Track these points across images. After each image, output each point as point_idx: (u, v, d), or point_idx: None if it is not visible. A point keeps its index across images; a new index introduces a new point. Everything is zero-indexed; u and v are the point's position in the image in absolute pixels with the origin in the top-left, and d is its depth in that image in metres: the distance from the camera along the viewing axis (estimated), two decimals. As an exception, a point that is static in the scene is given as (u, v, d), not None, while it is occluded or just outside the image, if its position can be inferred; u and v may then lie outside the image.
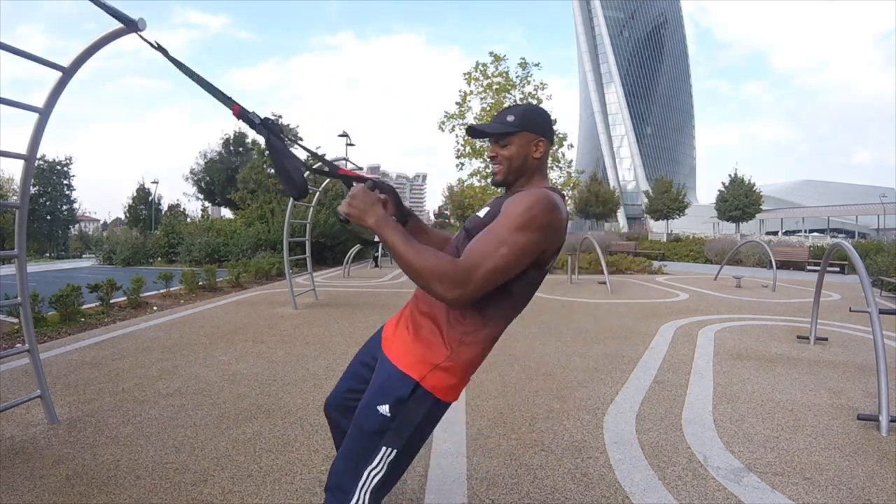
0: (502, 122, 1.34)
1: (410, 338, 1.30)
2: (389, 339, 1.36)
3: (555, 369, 3.93)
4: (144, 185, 38.19)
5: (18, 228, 2.72)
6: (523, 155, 1.33)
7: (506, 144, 1.33)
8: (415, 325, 1.31)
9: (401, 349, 1.30)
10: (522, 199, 1.22)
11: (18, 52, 2.36)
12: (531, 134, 1.33)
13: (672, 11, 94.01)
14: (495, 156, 1.35)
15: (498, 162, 1.35)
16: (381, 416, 1.24)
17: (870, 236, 36.71)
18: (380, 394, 1.26)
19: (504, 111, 1.37)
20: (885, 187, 59.17)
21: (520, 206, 1.19)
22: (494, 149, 1.34)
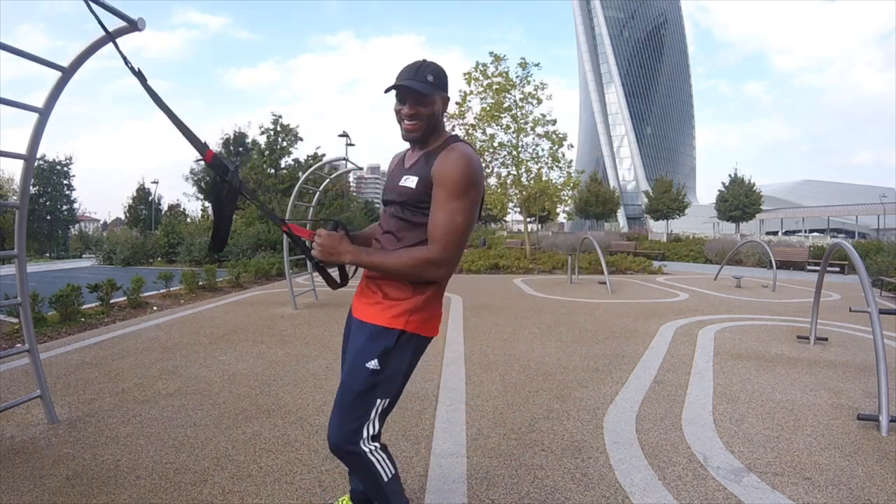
0: (424, 81, 1.41)
1: (380, 298, 1.44)
2: (360, 309, 1.50)
3: (555, 369, 3.93)
4: (144, 185, 38.20)
5: (18, 228, 2.72)
6: (438, 112, 1.45)
7: (426, 103, 1.42)
8: (379, 288, 1.46)
9: (375, 310, 1.44)
10: (452, 164, 1.36)
11: (18, 52, 2.36)
12: (443, 92, 1.46)
13: (672, 11, 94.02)
14: (414, 113, 1.41)
15: (417, 119, 1.42)
16: (371, 371, 1.39)
17: (870, 236, 36.69)
18: (364, 352, 1.40)
19: (420, 69, 1.42)
20: (885, 187, 59.16)
21: (454, 171, 1.35)
22: (413, 107, 1.41)
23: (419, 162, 1.46)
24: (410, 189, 1.42)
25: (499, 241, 24.55)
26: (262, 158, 22.95)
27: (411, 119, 1.43)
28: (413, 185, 1.42)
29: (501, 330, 5.41)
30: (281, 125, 23.26)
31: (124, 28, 2.49)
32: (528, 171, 15.02)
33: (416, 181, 1.42)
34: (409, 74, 1.42)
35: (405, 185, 1.44)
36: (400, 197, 1.45)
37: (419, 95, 1.40)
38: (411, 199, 1.42)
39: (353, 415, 1.40)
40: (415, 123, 1.43)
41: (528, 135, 14.77)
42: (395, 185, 1.49)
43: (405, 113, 1.42)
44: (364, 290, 1.53)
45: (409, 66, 1.45)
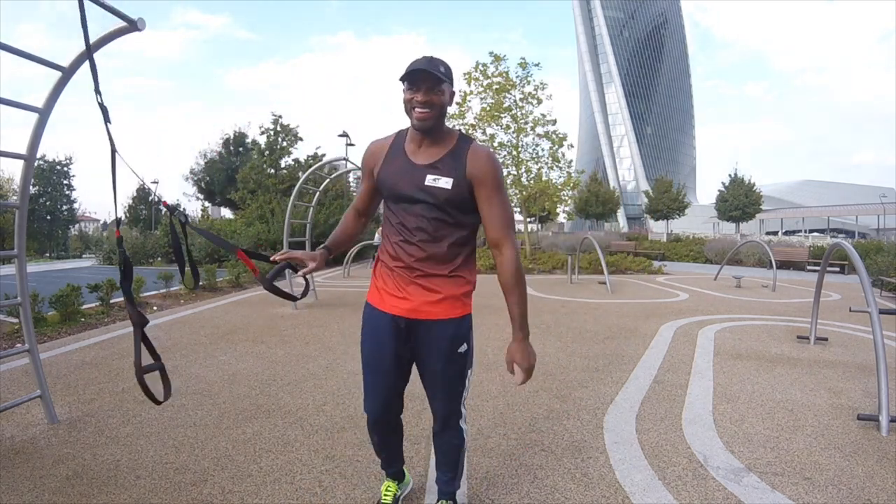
0: (438, 70, 1.46)
1: (444, 294, 1.56)
2: (422, 310, 1.57)
3: (555, 369, 3.93)
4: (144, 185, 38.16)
5: (18, 228, 2.72)
6: (446, 103, 1.52)
7: (439, 92, 1.47)
8: (436, 284, 1.56)
9: (444, 306, 1.56)
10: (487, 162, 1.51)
11: (18, 52, 2.36)
12: (451, 84, 1.53)
13: (672, 11, 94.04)
14: (428, 100, 1.46)
15: (430, 106, 1.46)
16: (462, 353, 1.62)
17: (870, 236, 36.68)
18: (455, 341, 1.60)
19: (432, 60, 1.48)
20: (885, 187, 59.17)
21: (493, 169, 1.52)
22: (427, 94, 1.46)
23: (445, 162, 1.51)
24: (447, 190, 1.49)
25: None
26: (262, 158, 22.90)
27: (424, 106, 1.46)
28: (449, 185, 1.49)
29: (501, 330, 5.41)
30: (281, 125, 23.23)
31: (124, 28, 2.49)
32: (528, 171, 15.02)
33: (452, 182, 1.49)
34: (422, 64, 1.46)
35: (439, 185, 1.49)
36: (435, 198, 1.50)
37: (434, 81, 1.45)
38: (452, 199, 1.50)
39: (456, 394, 1.67)
40: (427, 111, 1.46)
41: (528, 135, 14.77)
42: (421, 184, 1.51)
43: (419, 100, 1.45)
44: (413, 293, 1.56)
45: (420, 58, 1.49)
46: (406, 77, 1.46)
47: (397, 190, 1.55)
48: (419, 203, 1.52)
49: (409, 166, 1.54)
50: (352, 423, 2.80)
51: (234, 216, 23.34)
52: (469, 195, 1.51)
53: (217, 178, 31.37)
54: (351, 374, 3.75)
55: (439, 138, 1.54)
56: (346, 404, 3.11)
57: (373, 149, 1.66)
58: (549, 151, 14.93)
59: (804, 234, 41.40)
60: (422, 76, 1.44)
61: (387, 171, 1.58)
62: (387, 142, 1.63)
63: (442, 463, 1.83)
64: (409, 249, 1.55)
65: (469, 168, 1.49)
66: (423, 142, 1.54)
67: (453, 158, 1.51)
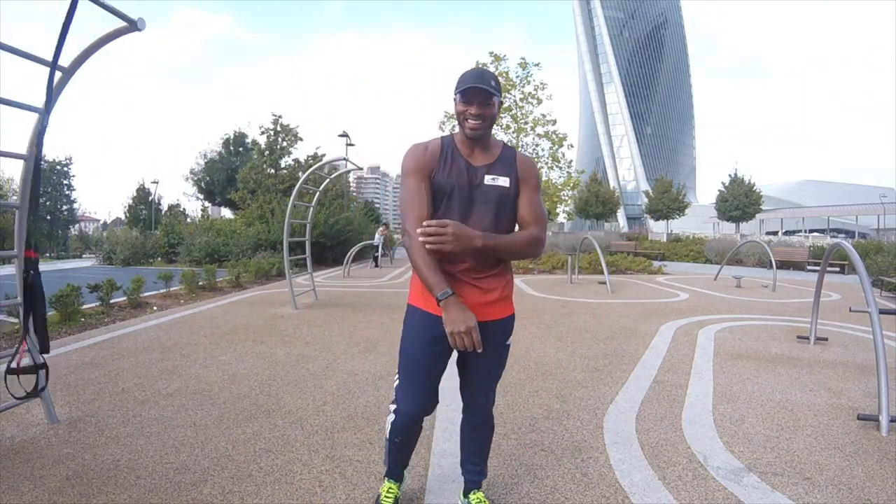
0: (490, 85, 1.59)
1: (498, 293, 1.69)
2: (479, 311, 1.63)
3: (555, 369, 3.93)
4: (144, 185, 38.19)
5: (18, 228, 2.72)
6: (497, 114, 1.66)
7: (490, 105, 1.60)
8: (489, 284, 1.67)
9: (499, 307, 1.70)
10: (532, 166, 1.74)
11: (18, 52, 2.36)
12: (500, 96, 1.65)
13: (672, 11, 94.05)
14: (481, 113, 1.59)
15: (482, 118, 1.60)
16: (508, 346, 1.80)
17: (870, 236, 36.68)
18: (506, 335, 1.76)
19: (485, 75, 1.61)
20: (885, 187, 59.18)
21: (536, 171, 1.75)
22: (481, 108, 1.59)
23: (499, 164, 1.68)
24: (506, 188, 1.66)
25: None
26: (262, 158, 22.92)
27: (477, 119, 1.59)
28: (507, 184, 1.66)
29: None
30: (281, 125, 23.24)
31: (124, 28, 2.49)
32: (528, 171, 15.01)
33: (509, 181, 1.67)
34: (475, 79, 1.58)
35: (498, 183, 1.65)
36: (495, 195, 1.65)
37: (486, 96, 1.58)
38: (508, 196, 1.67)
39: (496, 382, 1.85)
40: (480, 123, 1.60)
41: (528, 135, 14.80)
42: (481, 183, 1.64)
43: (473, 113, 1.59)
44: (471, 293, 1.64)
45: (472, 72, 1.62)
46: (461, 92, 1.59)
47: (461, 189, 1.63)
48: (479, 201, 1.64)
49: (468, 167, 1.66)
50: (352, 423, 2.80)
51: (234, 216, 23.33)
52: (517, 194, 1.69)
53: (217, 178, 31.40)
54: (351, 374, 3.75)
55: (488, 145, 1.69)
56: (346, 404, 3.11)
57: (424, 150, 1.68)
58: (549, 151, 14.96)
59: (804, 234, 41.42)
60: (475, 91, 1.57)
61: (447, 172, 1.65)
62: (436, 146, 1.69)
63: (475, 454, 1.91)
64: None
65: (519, 170, 1.69)
66: (475, 147, 1.67)
67: (505, 161, 1.69)
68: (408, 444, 1.89)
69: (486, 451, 1.92)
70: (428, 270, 1.53)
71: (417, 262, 1.55)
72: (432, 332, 1.65)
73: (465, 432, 1.91)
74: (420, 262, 1.54)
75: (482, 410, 1.84)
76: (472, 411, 1.85)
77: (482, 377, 1.78)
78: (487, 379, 1.79)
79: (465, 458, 1.94)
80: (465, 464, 1.94)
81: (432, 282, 1.52)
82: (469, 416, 1.87)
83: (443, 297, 1.50)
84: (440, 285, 1.51)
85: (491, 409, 1.87)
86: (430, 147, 1.68)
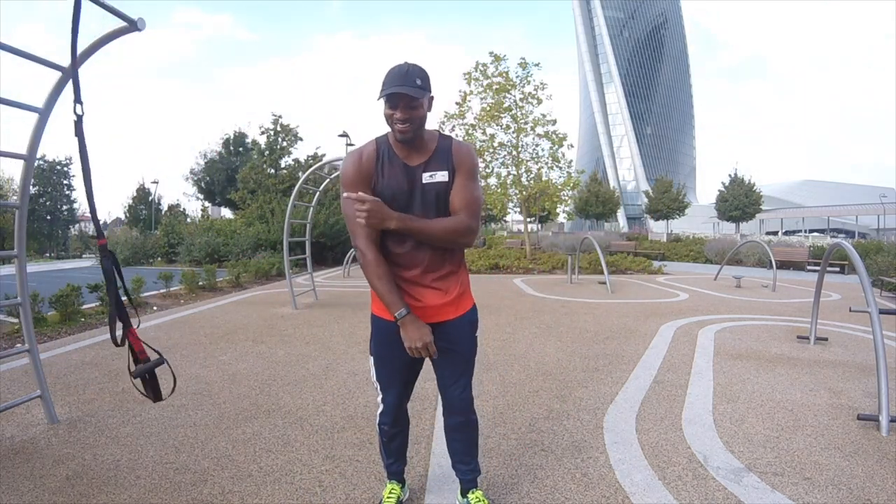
0: (414, 86, 1.51)
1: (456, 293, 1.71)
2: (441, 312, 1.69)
3: (555, 369, 3.93)
4: (144, 185, 38.19)
5: (18, 228, 2.72)
6: (426, 114, 1.59)
7: (417, 106, 1.54)
8: (446, 285, 1.69)
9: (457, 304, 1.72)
10: (468, 154, 1.66)
11: (18, 53, 2.36)
12: (429, 93, 1.57)
13: (672, 11, 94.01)
14: (407, 117, 1.53)
15: (409, 122, 1.54)
16: (476, 338, 1.81)
17: (870, 236, 36.69)
18: (472, 329, 1.78)
19: (408, 74, 1.52)
20: (885, 187, 59.13)
21: (472, 159, 1.66)
22: (405, 111, 1.52)
23: (436, 158, 1.64)
24: (445, 182, 1.63)
25: (499, 241, 24.55)
26: (262, 158, 22.91)
27: (404, 122, 1.54)
28: (446, 177, 1.63)
29: (501, 330, 5.41)
30: (281, 125, 23.23)
31: (124, 28, 2.49)
32: (528, 171, 15.02)
33: (447, 174, 1.63)
34: (398, 80, 1.50)
35: (436, 180, 1.62)
36: (435, 192, 1.62)
37: (410, 99, 1.51)
38: (448, 189, 1.63)
39: (471, 374, 1.84)
40: (407, 126, 1.54)
41: (528, 135, 14.77)
42: (420, 183, 1.61)
43: (398, 117, 1.53)
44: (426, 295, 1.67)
45: (395, 72, 1.53)
46: (384, 97, 1.53)
47: (400, 192, 1.61)
48: (420, 201, 1.62)
49: (406, 169, 1.62)
50: (352, 423, 2.80)
51: (234, 216, 23.33)
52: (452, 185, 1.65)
53: (217, 178, 31.37)
54: (351, 374, 3.75)
55: (422, 142, 1.64)
56: (346, 404, 3.11)
57: (360, 159, 1.63)
58: (549, 151, 14.93)
59: (804, 234, 41.40)
60: (398, 97, 1.51)
61: (385, 177, 1.62)
62: (371, 151, 1.64)
63: (463, 453, 1.90)
64: (419, 255, 1.63)
65: (455, 158, 1.64)
66: (410, 147, 1.63)
67: (441, 154, 1.64)
68: (397, 435, 1.88)
69: (474, 449, 1.90)
70: (384, 290, 1.59)
71: (374, 282, 1.61)
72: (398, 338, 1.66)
73: (449, 433, 1.90)
74: (376, 283, 1.60)
75: (461, 405, 1.81)
76: (450, 408, 1.83)
77: (456, 373, 1.78)
78: (461, 373, 1.79)
79: (454, 459, 1.92)
80: (456, 465, 1.93)
81: (388, 301, 1.59)
82: (449, 415, 1.85)
83: (400, 317, 1.58)
84: (396, 305, 1.58)
85: (471, 405, 1.85)
86: (366, 154, 1.64)
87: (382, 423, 1.86)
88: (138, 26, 2.46)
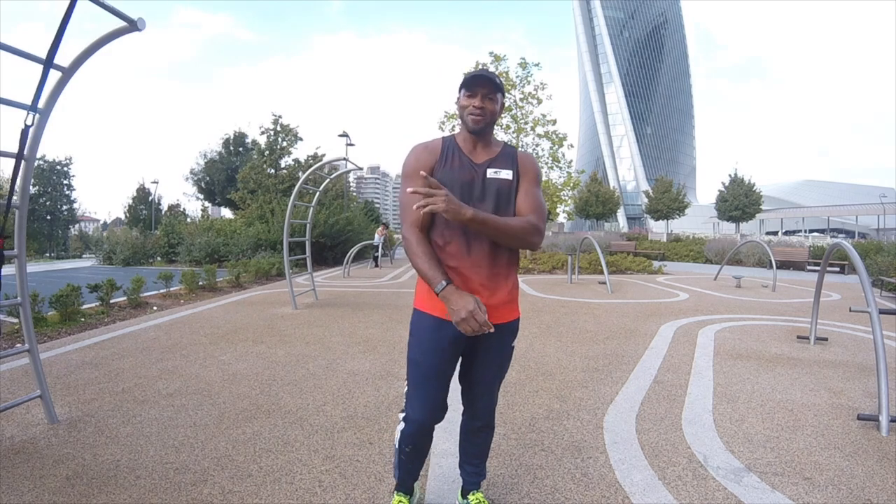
0: (495, 81, 1.62)
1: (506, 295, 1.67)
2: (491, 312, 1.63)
3: (555, 369, 3.93)
4: (144, 185, 38.19)
5: (18, 228, 2.72)
6: (498, 112, 1.67)
7: (494, 100, 1.63)
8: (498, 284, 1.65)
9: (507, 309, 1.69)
10: (534, 161, 1.74)
11: (18, 53, 2.36)
12: (503, 95, 1.69)
13: (672, 11, 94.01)
14: (484, 107, 1.61)
15: (483, 114, 1.61)
16: (513, 347, 1.79)
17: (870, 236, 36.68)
18: (513, 337, 1.75)
19: (489, 72, 1.64)
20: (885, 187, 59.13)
21: (537, 167, 1.74)
22: (482, 101, 1.61)
23: (501, 159, 1.68)
24: (509, 180, 1.66)
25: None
26: (262, 158, 22.93)
27: (480, 111, 1.61)
28: (510, 176, 1.67)
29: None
30: (281, 125, 23.25)
31: (124, 28, 2.49)
32: (528, 171, 14.99)
33: (512, 174, 1.67)
34: (483, 75, 1.61)
35: (500, 177, 1.66)
36: (498, 188, 1.65)
37: (491, 89, 1.61)
38: (511, 188, 1.67)
39: (500, 384, 1.83)
40: (481, 116, 1.61)
41: (528, 135, 14.76)
42: (484, 177, 1.64)
43: (477, 105, 1.60)
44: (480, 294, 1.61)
45: (479, 71, 1.64)
46: (466, 83, 1.61)
47: (462, 184, 1.62)
48: (481, 195, 1.64)
49: (469, 163, 1.66)
50: (352, 423, 2.80)
51: (234, 216, 23.33)
52: (518, 187, 1.69)
53: (217, 178, 31.39)
54: (351, 374, 3.75)
55: (489, 142, 1.70)
56: (346, 404, 3.11)
57: (425, 150, 1.68)
58: (549, 151, 14.92)
59: (804, 234, 41.41)
60: (481, 82, 1.59)
61: (447, 169, 1.65)
62: (437, 145, 1.69)
63: (475, 456, 1.90)
64: (475, 247, 1.61)
65: (520, 164, 1.70)
66: (476, 144, 1.68)
67: (507, 157, 1.70)
68: (418, 455, 1.81)
69: (486, 453, 1.91)
70: (426, 264, 1.54)
71: (416, 259, 1.56)
72: (440, 336, 1.63)
73: (466, 435, 1.89)
74: (418, 260, 1.55)
75: (485, 412, 1.82)
76: (474, 414, 1.83)
77: (487, 379, 1.76)
78: (492, 380, 1.77)
79: (464, 459, 1.92)
80: (464, 465, 1.92)
81: (430, 275, 1.52)
82: (471, 420, 1.85)
83: (440, 290, 1.50)
84: (437, 278, 1.51)
85: (493, 411, 1.85)
86: (431, 146, 1.69)
87: (405, 444, 1.76)
88: (138, 26, 2.46)
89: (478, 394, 1.79)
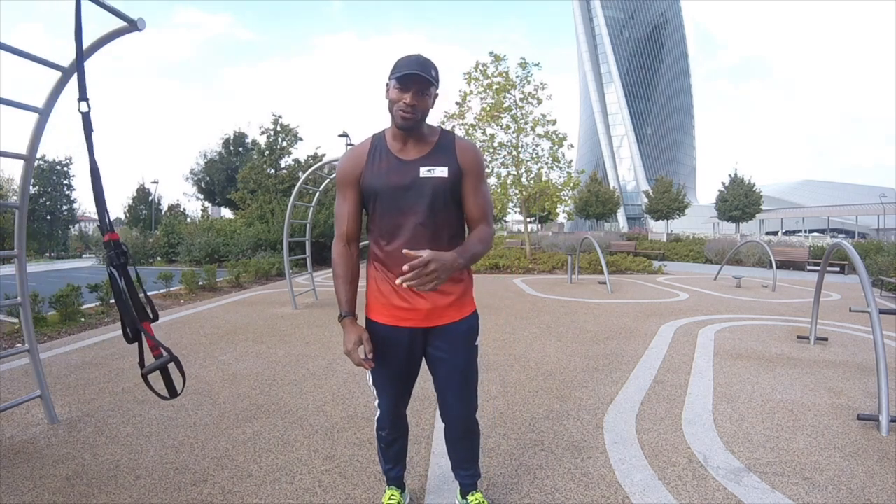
0: (429, 74, 1.47)
1: (455, 295, 1.61)
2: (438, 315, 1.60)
3: (555, 369, 3.93)
4: (144, 185, 38.19)
5: (18, 228, 2.72)
6: (431, 105, 1.53)
7: (427, 96, 1.49)
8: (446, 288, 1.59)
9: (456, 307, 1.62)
10: (475, 152, 1.59)
11: (18, 53, 2.36)
12: (437, 88, 1.53)
13: (672, 11, 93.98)
14: (416, 104, 1.47)
15: (415, 112, 1.48)
16: (476, 346, 1.71)
17: (870, 236, 36.68)
18: (471, 337, 1.67)
19: (425, 63, 1.48)
20: (885, 187, 59.11)
21: (479, 158, 1.60)
22: (416, 97, 1.47)
23: (435, 154, 1.55)
24: (444, 178, 1.53)
25: (499, 241, 24.55)
26: (262, 158, 22.92)
27: (411, 108, 1.47)
28: (446, 174, 1.53)
29: (501, 330, 5.41)
30: (281, 125, 23.24)
31: (124, 28, 2.49)
32: (528, 171, 15.01)
33: (447, 170, 1.54)
34: (415, 66, 1.45)
35: (435, 175, 1.52)
36: (432, 188, 1.52)
37: (423, 85, 1.46)
38: (448, 187, 1.54)
39: (475, 387, 1.74)
40: (411, 113, 1.48)
41: (528, 135, 14.76)
42: (416, 177, 1.52)
43: (408, 102, 1.46)
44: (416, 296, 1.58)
45: (412, 58, 1.48)
46: (399, 78, 1.45)
47: (391, 187, 1.53)
48: (412, 196, 1.52)
49: (398, 163, 1.55)
50: (352, 423, 2.80)
51: (234, 216, 23.33)
52: (460, 183, 1.57)
53: (217, 178, 31.37)
54: (351, 374, 3.75)
55: (422, 135, 1.57)
56: (346, 404, 3.11)
57: (351, 156, 1.60)
58: (549, 151, 14.92)
59: (804, 234, 41.41)
60: (414, 79, 1.45)
61: (375, 172, 1.56)
62: (364, 147, 1.61)
63: (465, 460, 1.86)
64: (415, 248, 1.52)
65: (459, 158, 1.56)
66: (408, 140, 1.56)
67: (442, 150, 1.56)
68: (395, 441, 1.82)
69: (475, 457, 1.86)
70: (341, 288, 1.68)
71: (335, 279, 1.69)
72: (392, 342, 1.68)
73: (451, 443, 1.85)
74: (337, 280, 1.68)
75: (462, 420, 1.74)
76: (450, 422, 1.75)
77: (455, 385, 1.68)
78: (461, 386, 1.69)
79: (455, 465, 1.89)
80: (456, 470, 1.90)
81: (339, 299, 1.66)
82: (449, 429, 1.79)
83: (339, 318, 1.65)
84: (342, 305, 1.66)
85: (473, 415, 1.76)
86: (359, 149, 1.61)
87: (380, 428, 1.79)
88: (138, 26, 2.46)
89: (450, 402, 1.71)
